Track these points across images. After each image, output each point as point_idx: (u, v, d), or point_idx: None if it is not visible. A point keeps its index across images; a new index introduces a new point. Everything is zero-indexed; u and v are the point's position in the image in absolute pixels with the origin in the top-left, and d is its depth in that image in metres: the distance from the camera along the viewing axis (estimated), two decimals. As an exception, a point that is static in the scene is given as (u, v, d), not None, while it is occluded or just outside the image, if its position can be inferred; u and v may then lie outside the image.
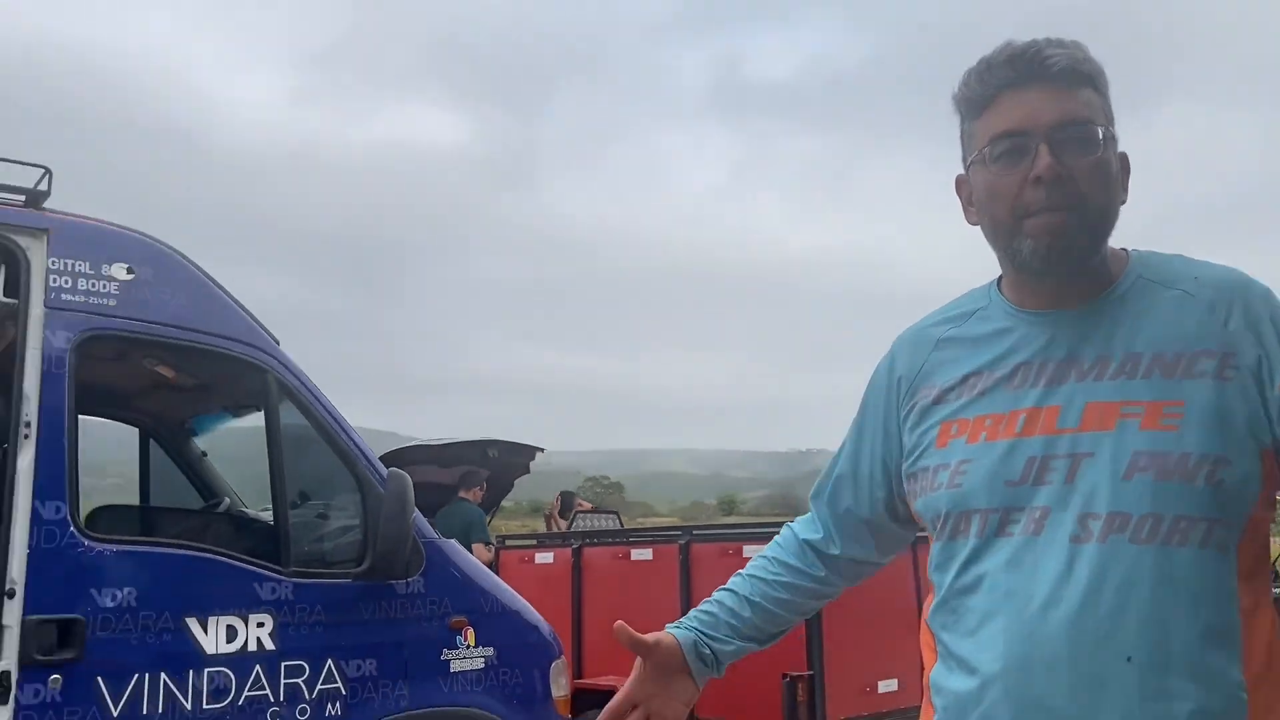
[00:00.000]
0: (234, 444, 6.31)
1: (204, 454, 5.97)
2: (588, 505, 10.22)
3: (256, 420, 5.54)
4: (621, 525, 9.13)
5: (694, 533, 7.10)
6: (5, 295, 3.87)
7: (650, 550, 6.81)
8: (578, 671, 6.59)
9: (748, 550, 6.01)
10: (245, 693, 3.91)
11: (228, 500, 5.81)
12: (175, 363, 4.87)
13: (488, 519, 9.00)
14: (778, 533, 1.98)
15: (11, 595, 3.56)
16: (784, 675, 5.72)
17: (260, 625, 3.98)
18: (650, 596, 6.59)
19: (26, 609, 3.55)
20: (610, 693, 1.77)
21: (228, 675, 3.88)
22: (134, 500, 6.04)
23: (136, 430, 5.99)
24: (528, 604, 4.85)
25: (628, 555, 6.87)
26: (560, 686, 4.82)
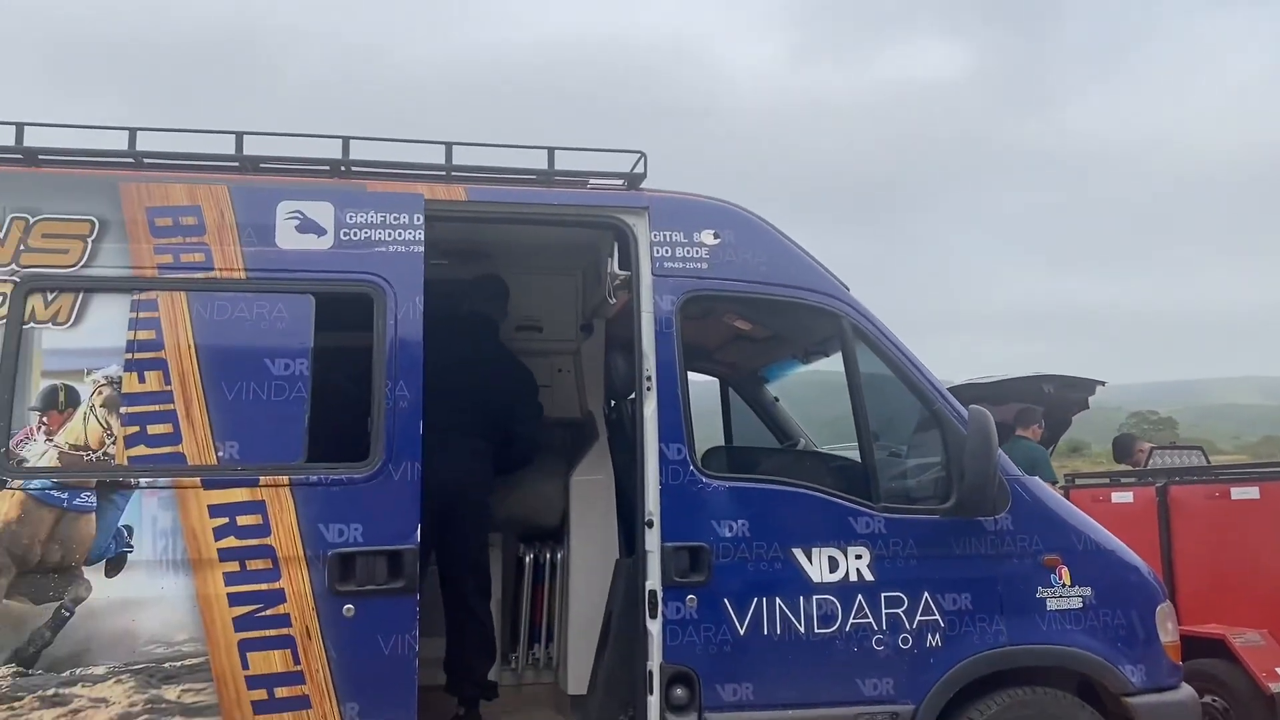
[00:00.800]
0: (800, 389, 6.71)
1: (776, 399, 6.41)
2: (1148, 446, 9.31)
3: (822, 366, 5.84)
4: (1208, 462, 8.22)
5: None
6: (619, 268, 4.46)
7: (1256, 488, 6.07)
8: (1172, 618, 6.08)
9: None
10: (850, 619, 4.16)
11: (802, 441, 6.18)
12: (757, 316, 5.28)
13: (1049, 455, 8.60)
14: None
15: (650, 525, 4.14)
16: None
17: (858, 557, 4.21)
18: (1256, 540, 5.88)
19: (664, 537, 4.10)
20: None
21: (833, 603, 4.16)
22: (715, 443, 6.65)
23: (716, 380, 6.61)
24: (1123, 544, 4.57)
25: (1226, 494, 6.19)
26: (1168, 632, 4.48)
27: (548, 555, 5.67)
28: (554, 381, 6.02)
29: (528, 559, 5.69)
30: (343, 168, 4.27)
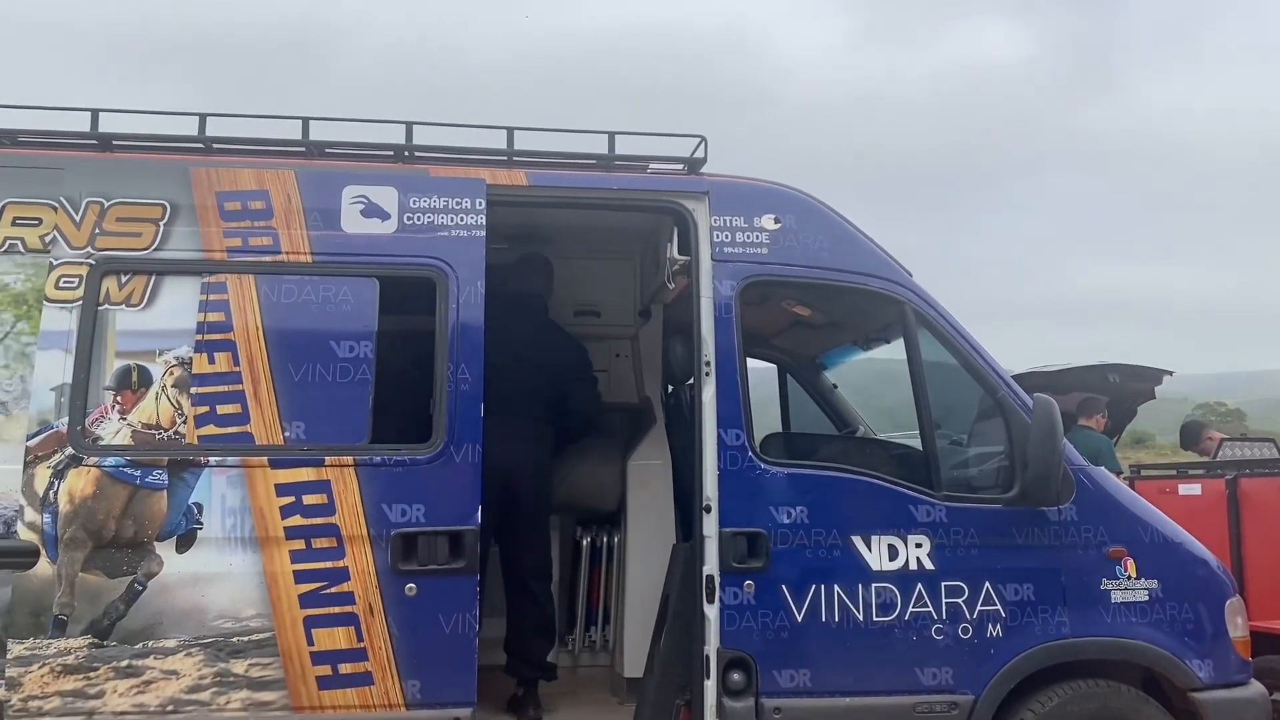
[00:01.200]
0: (858, 376, 6.66)
1: (834, 386, 6.37)
2: (1217, 435, 9.05)
3: (880, 353, 5.79)
4: (1280, 454, 8.00)
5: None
6: (678, 253, 4.45)
7: (1333, 482, 5.91)
8: (1241, 613, 5.94)
9: None
10: (910, 608, 4.13)
11: (860, 428, 6.14)
12: (817, 301, 5.24)
13: (1112, 445, 8.43)
14: None
15: (709, 510, 4.14)
16: None
17: (918, 545, 4.17)
18: (1331, 535, 5.71)
19: (722, 522, 4.10)
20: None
21: (893, 591, 4.13)
22: (773, 430, 6.63)
23: (774, 367, 6.58)
24: (1191, 536, 4.47)
25: (1299, 487, 6.03)
26: (1237, 627, 4.38)
27: (605, 539, 5.70)
28: (611, 366, 6.04)
29: (585, 542, 5.72)
30: (406, 153, 4.31)
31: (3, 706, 3.61)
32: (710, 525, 4.12)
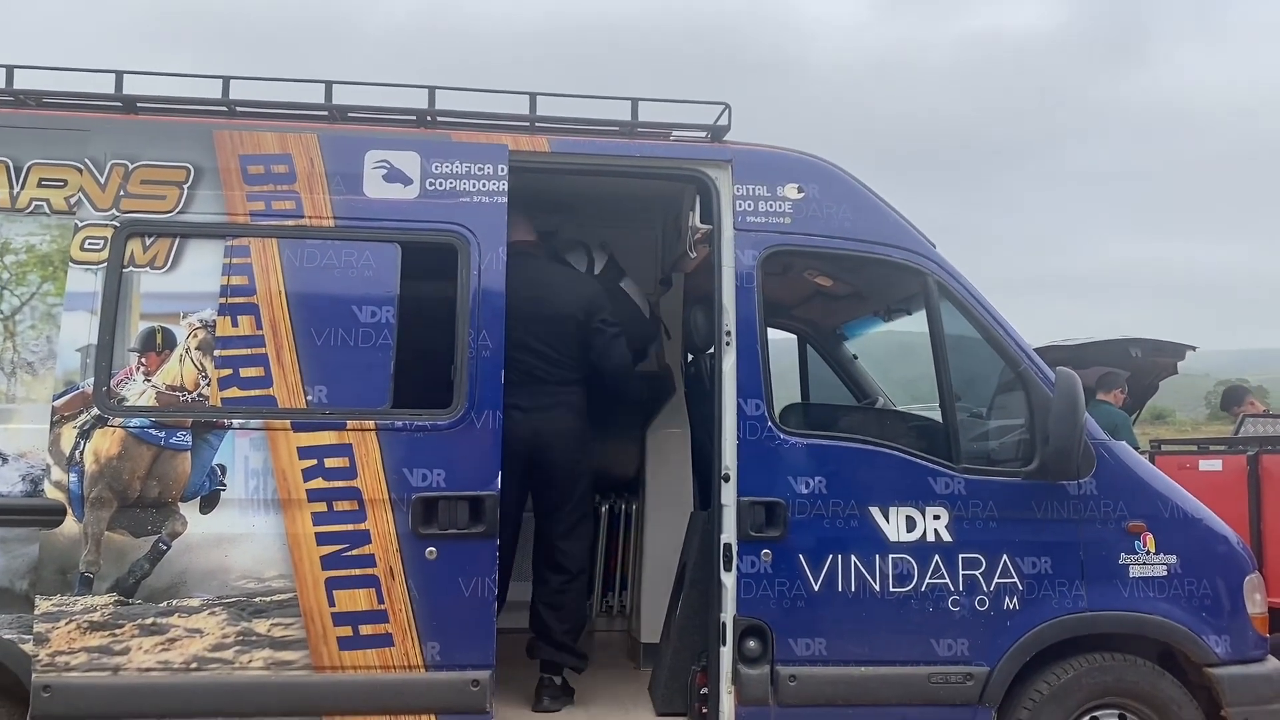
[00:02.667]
0: (879, 349, 6.64)
1: (855, 357, 6.35)
2: (1260, 406, 8.94)
3: (901, 326, 5.77)
4: (1303, 430, 7.93)
5: None
6: (700, 222, 4.43)
7: (1355, 460, 5.86)
8: (1260, 590, 5.92)
9: None
10: (927, 579, 4.14)
11: (880, 400, 6.13)
12: (839, 272, 5.22)
13: (1131, 421, 8.39)
14: None
15: (727, 479, 4.15)
16: None
17: (936, 518, 4.17)
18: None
19: (740, 492, 4.11)
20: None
21: (910, 562, 4.14)
22: (792, 400, 6.62)
23: (794, 337, 6.56)
24: (1212, 512, 4.46)
25: (1322, 464, 5.98)
26: (1255, 603, 4.37)
27: (624, 507, 5.74)
28: None
29: (604, 510, 5.77)
30: (428, 117, 4.30)
31: (31, 660, 3.68)
32: (728, 494, 4.13)
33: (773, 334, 6.41)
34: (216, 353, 3.89)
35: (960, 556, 4.16)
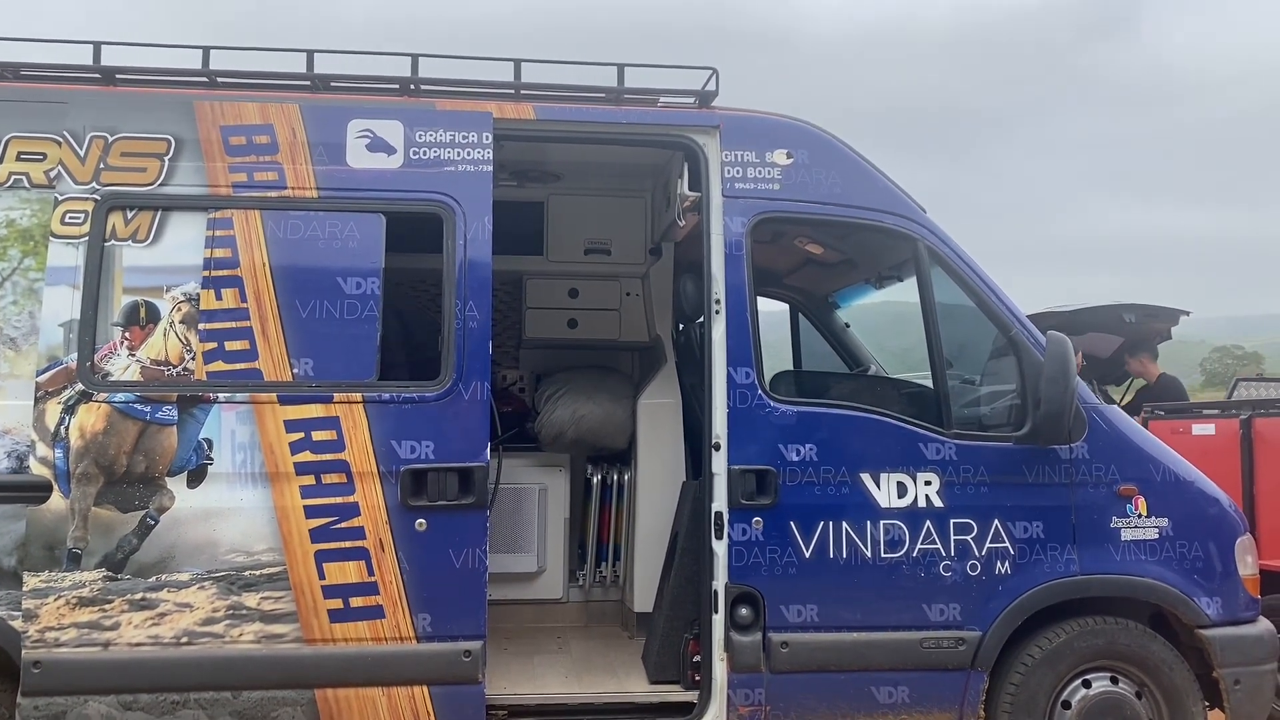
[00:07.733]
0: (871, 318, 6.61)
1: (847, 325, 6.33)
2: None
3: (893, 295, 5.74)
4: (1294, 393, 7.93)
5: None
6: (689, 189, 4.39)
7: (1346, 421, 5.84)
8: (1251, 553, 5.93)
9: None
10: (918, 545, 4.13)
11: (872, 367, 6.11)
12: (830, 239, 5.18)
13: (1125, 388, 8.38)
14: None
15: (718, 448, 4.13)
16: None
17: (927, 483, 4.16)
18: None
19: (730, 460, 4.10)
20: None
21: (901, 528, 4.13)
22: (784, 368, 6.60)
23: (786, 306, 6.53)
24: (1203, 475, 4.45)
25: (1314, 427, 5.97)
26: (1247, 565, 4.38)
27: (615, 477, 5.73)
28: (622, 305, 6.01)
29: (596, 480, 5.75)
30: (412, 86, 4.24)
31: (20, 637, 3.67)
32: (719, 463, 4.12)
33: (765, 305, 6.38)
34: (201, 326, 3.85)
35: (952, 521, 4.16)
